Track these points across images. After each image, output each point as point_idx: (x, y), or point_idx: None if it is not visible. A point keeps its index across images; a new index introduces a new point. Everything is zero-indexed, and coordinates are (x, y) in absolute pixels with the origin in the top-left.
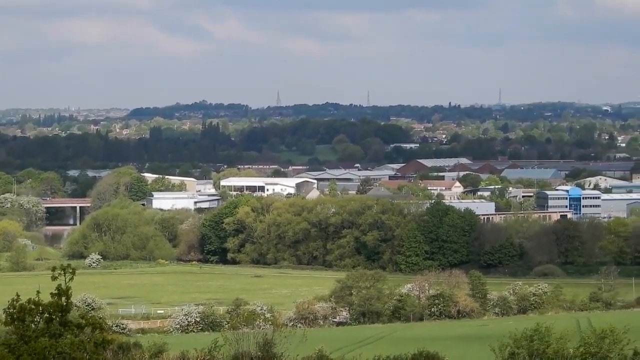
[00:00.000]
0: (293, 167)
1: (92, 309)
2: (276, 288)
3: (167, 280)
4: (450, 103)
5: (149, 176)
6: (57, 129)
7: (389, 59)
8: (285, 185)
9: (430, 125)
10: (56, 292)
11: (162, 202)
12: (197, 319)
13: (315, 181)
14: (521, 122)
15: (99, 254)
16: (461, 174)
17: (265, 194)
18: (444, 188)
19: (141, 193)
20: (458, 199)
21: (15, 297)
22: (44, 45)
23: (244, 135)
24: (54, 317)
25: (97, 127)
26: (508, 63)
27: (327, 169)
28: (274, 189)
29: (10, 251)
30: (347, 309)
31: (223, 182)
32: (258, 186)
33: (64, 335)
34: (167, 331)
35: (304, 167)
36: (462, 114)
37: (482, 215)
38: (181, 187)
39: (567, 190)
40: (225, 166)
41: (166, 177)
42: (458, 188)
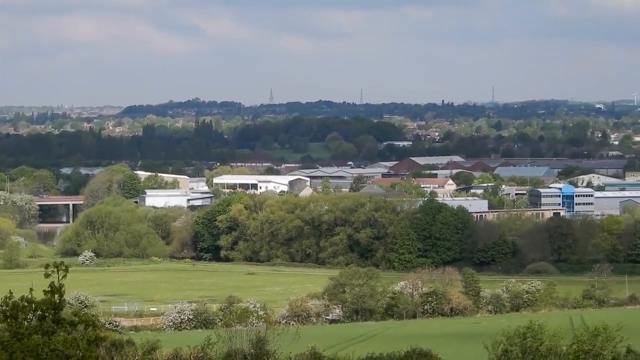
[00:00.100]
0: (286, 165)
1: (85, 307)
2: (269, 285)
3: (160, 278)
4: (443, 101)
5: (142, 174)
6: (50, 126)
7: (382, 57)
8: (278, 183)
9: (424, 123)
10: (49, 289)
11: (155, 199)
12: (190, 317)
13: (308, 179)
14: (514, 120)
15: (92, 251)
16: (454, 171)
17: (258, 192)
18: (437, 186)
19: (134, 191)
20: (451, 196)
21: (8, 295)
22: (38, 43)
23: (237, 133)
24: (47, 314)
25: (90, 124)
26: (501, 61)
27: (320, 167)
28: (266, 187)
29: (3, 249)
30: (340, 306)
31: (216, 180)
32: (251, 184)
33: (57, 333)
34: (160, 329)
35: (297, 165)
36: (455, 112)
37: (475, 213)
38: (174, 185)
39: (560, 188)
40: (218, 164)
41: (159, 174)
42: (451, 186)
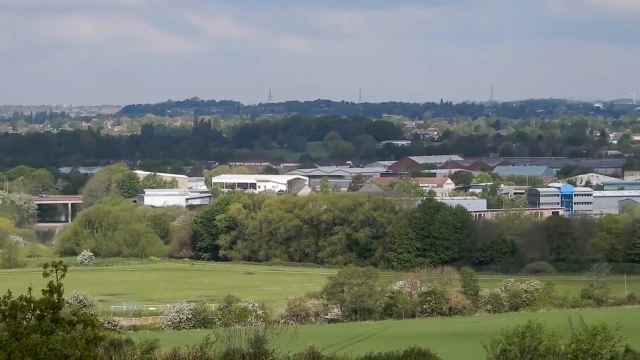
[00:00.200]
0: (284, 164)
1: (83, 306)
2: (268, 285)
3: (158, 277)
4: (442, 100)
5: (141, 173)
6: (48, 125)
7: (381, 56)
8: (276, 182)
9: (422, 122)
10: (48, 289)
11: (154, 199)
12: (189, 316)
13: (307, 178)
14: (513, 119)
15: (90, 250)
16: (453, 171)
17: (256, 191)
18: (435, 185)
19: (133, 190)
20: (450, 196)
21: (7, 294)
22: (37, 43)
23: (236, 132)
24: (45, 314)
25: (89, 124)
26: (500, 60)
27: (318, 166)
28: (265, 186)
29: (1, 248)
30: (339, 305)
31: (215, 179)
32: (250, 183)
33: (55, 332)
34: (159, 328)
35: (296, 164)
36: (454, 111)
37: (474, 212)
38: (173, 184)
39: (559, 187)
40: (216, 163)
41: (158, 174)
42: (450, 185)
